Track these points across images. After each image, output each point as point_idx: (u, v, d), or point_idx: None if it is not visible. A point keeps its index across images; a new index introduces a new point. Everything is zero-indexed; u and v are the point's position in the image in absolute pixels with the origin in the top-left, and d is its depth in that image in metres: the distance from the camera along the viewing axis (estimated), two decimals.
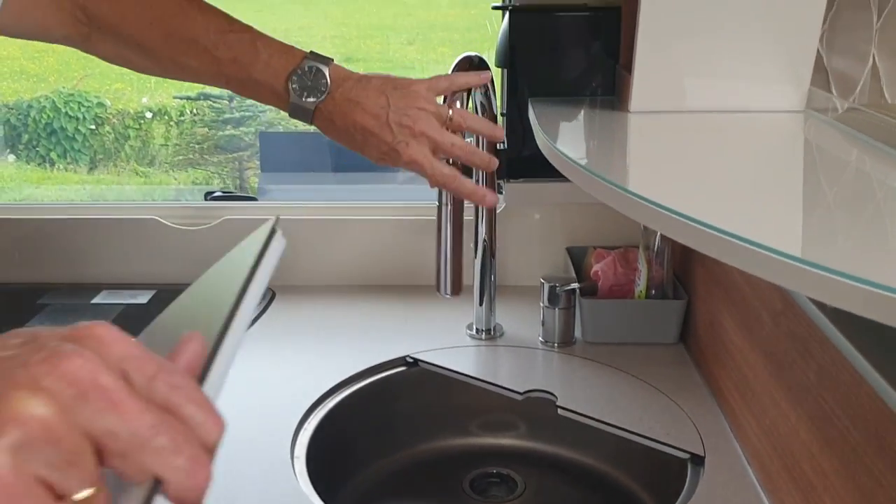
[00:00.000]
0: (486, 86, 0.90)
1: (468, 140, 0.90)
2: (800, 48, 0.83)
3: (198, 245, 1.11)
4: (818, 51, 0.99)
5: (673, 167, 0.69)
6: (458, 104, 0.80)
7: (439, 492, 0.93)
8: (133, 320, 1.04)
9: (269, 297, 1.09)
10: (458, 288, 0.87)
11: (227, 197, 1.17)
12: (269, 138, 2.79)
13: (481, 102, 0.92)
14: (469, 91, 0.82)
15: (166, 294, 1.10)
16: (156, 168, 4.49)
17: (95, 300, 1.08)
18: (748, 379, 0.77)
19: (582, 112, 0.93)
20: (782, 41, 0.83)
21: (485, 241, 1.00)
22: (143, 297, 1.09)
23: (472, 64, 0.85)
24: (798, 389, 0.67)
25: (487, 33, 1.07)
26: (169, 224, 1.11)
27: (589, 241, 1.10)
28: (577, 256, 1.08)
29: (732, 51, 0.84)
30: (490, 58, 1.05)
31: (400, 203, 1.13)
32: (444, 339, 0.98)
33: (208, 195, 1.18)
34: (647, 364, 0.93)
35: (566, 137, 0.85)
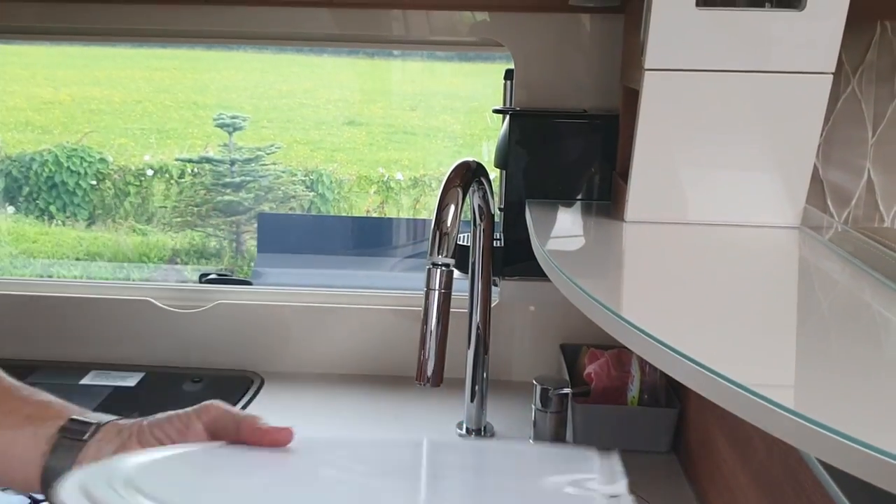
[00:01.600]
0: (485, 190, 0.91)
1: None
2: (796, 166, 0.84)
3: (190, 328, 1.11)
4: (815, 164, 1.00)
5: (664, 286, 0.69)
6: (452, 209, 0.80)
7: None
8: (121, 402, 1.03)
9: (259, 383, 1.08)
10: (439, 378, 0.85)
11: (222, 280, 1.17)
12: (268, 220, 2.80)
13: (479, 205, 0.93)
14: (464, 199, 0.83)
15: (154, 377, 1.09)
16: (153, 226, 4.51)
17: (84, 381, 1.07)
18: (739, 502, 0.76)
19: (578, 217, 0.94)
20: (779, 158, 0.84)
21: (478, 332, 0.99)
22: (131, 380, 1.08)
23: (470, 169, 0.85)
24: None
25: (488, 102, 1.08)
26: (162, 306, 1.11)
27: (583, 339, 1.10)
28: (571, 354, 1.08)
29: (730, 165, 0.85)
30: (490, 153, 1.06)
31: (396, 292, 1.13)
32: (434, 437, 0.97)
33: (203, 277, 1.18)
34: (638, 473, 0.91)
35: (559, 244, 0.85)
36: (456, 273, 1.06)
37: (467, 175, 0.85)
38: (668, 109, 0.83)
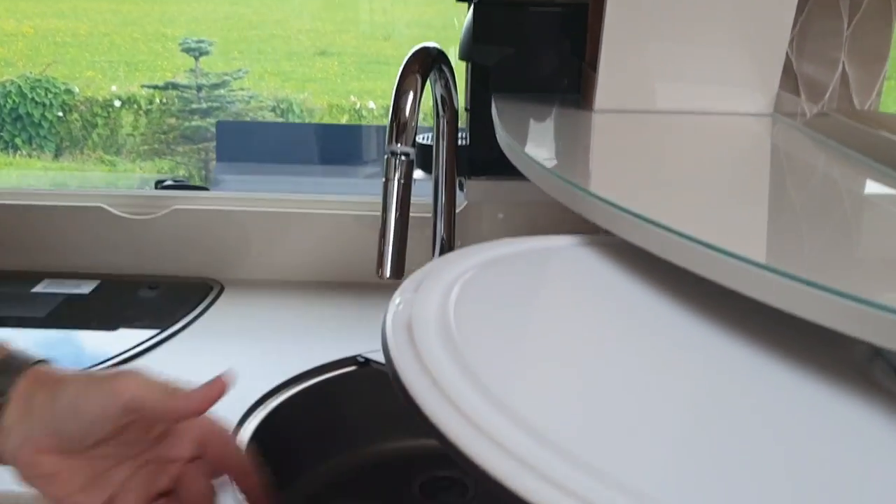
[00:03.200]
0: (447, 78, 0.87)
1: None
2: (769, 52, 0.81)
3: (145, 235, 1.07)
4: (788, 56, 0.97)
5: (634, 169, 0.66)
6: (410, 97, 0.77)
7: (388, 496, 0.90)
8: (74, 310, 1.00)
9: (218, 290, 1.05)
10: (400, 270, 0.82)
11: (178, 186, 1.13)
12: (227, 128, 2.73)
13: (441, 95, 0.89)
14: (424, 86, 0.79)
15: (109, 284, 1.06)
16: (122, 157, 4.42)
17: (36, 289, 1.04)
18: None
19: (545, 109, 0.90)
20: (751, 44, 0.81)
21: (443, 239, 0.97)
22: (85, 288, 1.04)
23: (430, 55, 0.81)
24: None
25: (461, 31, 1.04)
26: (116, 212, 1.07)
27: None
28: None
29: (700, 52, 0.81)
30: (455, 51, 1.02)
31: (358, 197, 1.10)
32: None
33: (158, 184, 1.14)
34: None
35: (526, 134, 0.82)
36: (420, 174, 1.04)
37: (427, 61, 0.81)
38: None
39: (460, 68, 1.00)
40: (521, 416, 0.33)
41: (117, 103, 4.53)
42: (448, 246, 0.97)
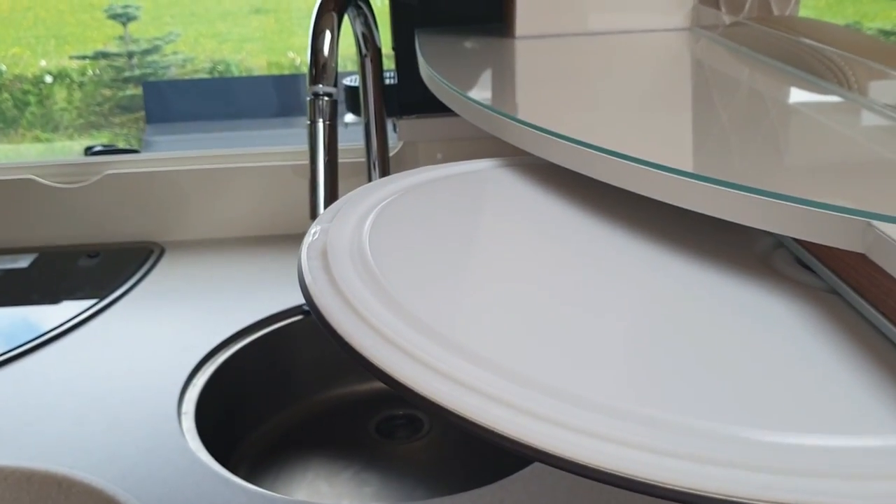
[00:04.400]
0: (366, 15, 0.86)
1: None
2: None
3: (79, 203, 1.05)
4: None
5: (556, 92, 0.67)
6: (328, 35, 0.76)
7: (345, 438, 0.91)
8: (14, 284, 0.98)
9: (158, 252, 1.04)
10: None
11: (108, 151, 1.11)
12: (155, 88, 2.67)
13: (363, 33, 0.88)
14: (340, 24, 0.78)
15: (48, 256, 1.04)
16: (60, 133, 4.31)
17: None
18: None
19: (468, 41, 0.90)
20: None
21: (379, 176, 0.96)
22: (24, 262, 1.03)
23: None
24: None
25: None
26: (47, 183, 1.05)
27: None
28: None
29: None
30: None
31: (293, 147, 1.09)
32: None
33: (88, 150, 1.11)
34: None
35: (449, 67, 0.81)
36: (351, 118, 1.03)
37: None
38: None
39: (385, 10, 0.99)
40: (429, 325, 0.33)
41: (49, 79, 4.40)
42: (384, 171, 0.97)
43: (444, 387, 0.30)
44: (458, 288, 0.39)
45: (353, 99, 0.96)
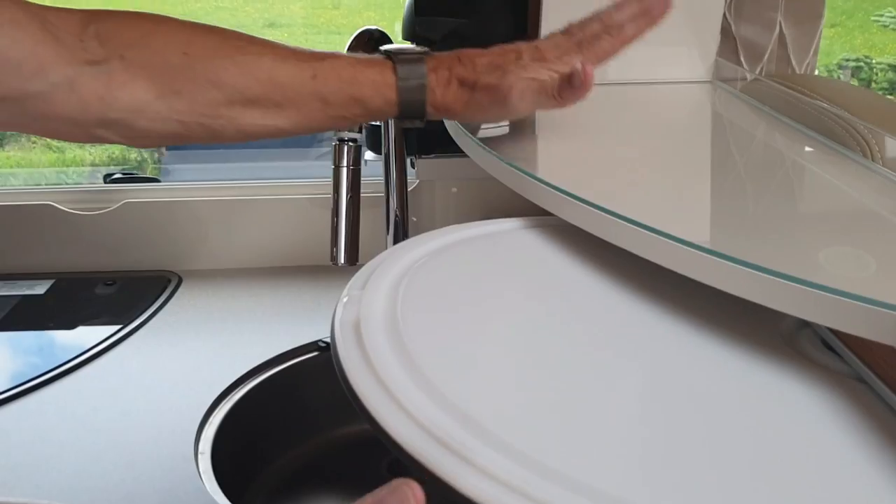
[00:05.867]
0: None
1: None
2: (705, 19, 0.82)
3: (98, 231, 1.06)
4: (727, 18, 0.98)
5: (576, 147, 0.67)
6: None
7: (357, 477, 0.91)
8: (30, 310, 0.99)
9: (176, 282, 1.05)
10: (354, 257, 0.82)
11: (128, 179, 1.12)
12: None
13: None
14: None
15: (65, 283, 1.05)
16: (72, 144, 4.33)
17: None
18: None
19: None
20: (688, 12, 0.82)
21: (396, 216, 0.97)
22: (40, 288, 1.04)
23: (373, 38, 0.81)
24: None
25: None
26: (66, 209, 1.06)
27: (508, 214, 1.08)
28: None
29: None
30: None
31: (311, 180, 1.10)
32: None
33: (107, 177, 1.12)
34: None
35: None
36: (371, 155, 1.04)
37: (369, 44, 0.81)
38: None
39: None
40: (462, 411, 0.34)
41: None
42: (402, 223, 0.97)
43: (482, 483, 0.30)
44: (489, 367, 0.40)
45: (375, 138, 0.97)
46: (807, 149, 0.63)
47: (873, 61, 4.24)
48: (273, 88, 0.54)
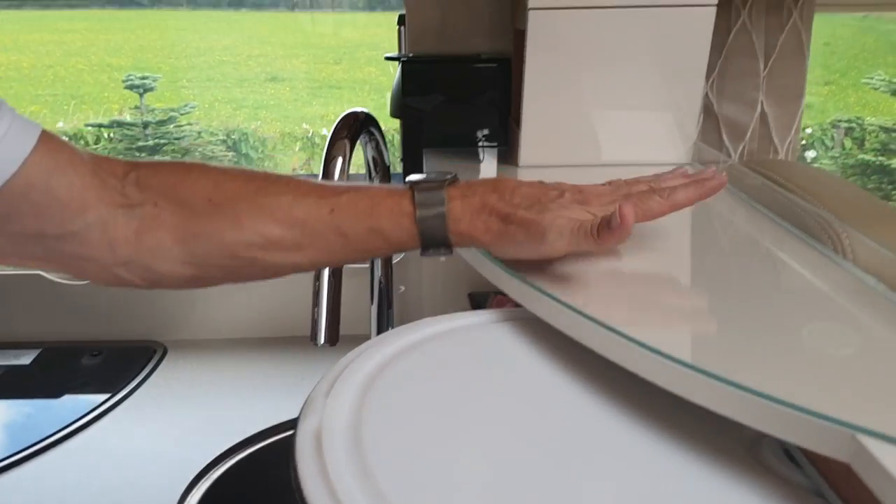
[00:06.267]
0: (377, 140, 0.89)
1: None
2: (685, 102, 0.83)
3: (85, 300, 1.07)
4: (709, 97, 1.00)
5: None
6: (339, 162, 0.78)
7: None
8: (15, 381, 0.99)
9: (161, 352, 1.05)
10: (335, 336, 0.83)
11: None
12: None
13: (373, 157, 0.90)
14: (353, 151, 0.80)
15: (51, 353, 1.05)
16: None
17: None
18: None
19: (474, 165, 0.92)
20: (667, 95, 0.83)
21: (381, 285, 0.98)
22: (26, 358, 1.04)
23: (358, 120, 0.83)
24: None
25: None
26: (54, 279, 1.06)
27: (492, 286, 1.08)
28: (479, 303, 1.07)
29: (619, 104, 0.83)
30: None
31: None
32: None
33: None
34: None
35: None
36: None
37: (355, 126, 0.83)
38: (554, 49, 0.81)
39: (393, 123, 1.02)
40: None
41: (65, 139, 4.48)
42: (387, 293, 0.98)
43: None
44: (451, 486, 0.40)
45: None
46: (779, 242, 0.63)
47: (865, 122, 4.30)
48: (291, 227, 0.54)
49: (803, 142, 4.40)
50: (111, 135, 4.43)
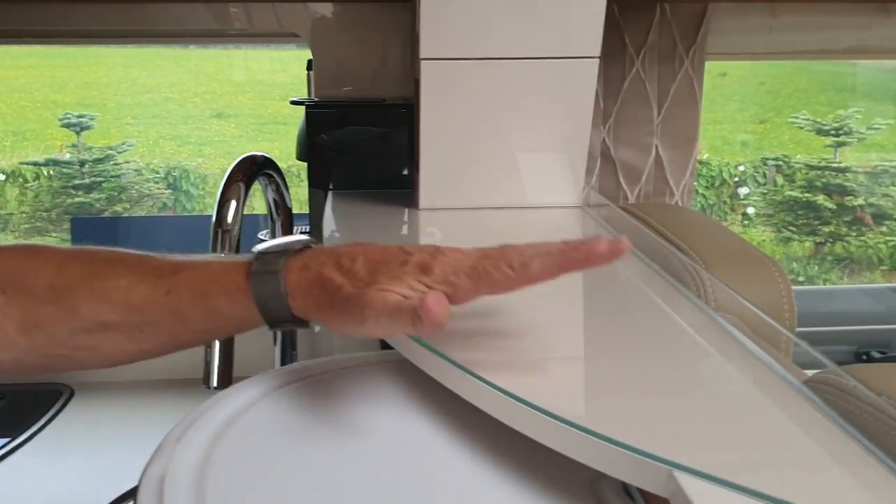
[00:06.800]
0: (277, 183, 0.90)
1: None
2: (573, 148, 0.87)
3: None
4: (606, 143, 1.04)
5: None
6: (233, 205, 0.79)
7: None
8: None
9: (68, 394, 1.04)
10: (227, 379, 0.83)
11: None
12: (82, 224, 2.69)
13: (274, 199, 0.92)
14: (248, 193, 0.81)
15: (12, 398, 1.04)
16: (6, 234, 4.28)
17: None
18: None
19: (377, 208, 0.94)
20: (556, 141, 0.86)
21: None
22: None
23: (255, 163, 0.84)
24: None
25: None
26: None
27: None
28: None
29: (511, 150, 0.86)
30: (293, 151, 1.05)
31: None
32: None
33: None
34: None
35: (351, 233, 0.85)
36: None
37: (252, 169, 0.84)
38: (448, 97, 0.84)
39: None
40: None
41: (1, 177, 4.40)
42: (291, 333, 0.99)
43: None
44: None
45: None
46: (649, 284, 0.66)
47: (792, 159, 4.46)
48: (129, 313, 0.51)
49: (736, 179, 4.55)
50: (50, 172, 4.38)
